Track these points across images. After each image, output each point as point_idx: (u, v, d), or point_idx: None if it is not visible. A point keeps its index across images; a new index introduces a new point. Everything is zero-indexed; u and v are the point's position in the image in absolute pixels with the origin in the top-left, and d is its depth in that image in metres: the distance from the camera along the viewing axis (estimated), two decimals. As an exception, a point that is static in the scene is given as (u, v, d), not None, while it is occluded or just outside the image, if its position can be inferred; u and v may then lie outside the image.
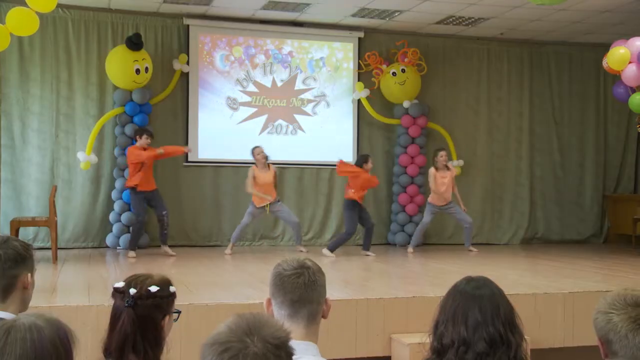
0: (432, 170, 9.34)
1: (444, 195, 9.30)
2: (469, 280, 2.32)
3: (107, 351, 2.38)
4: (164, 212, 8.50)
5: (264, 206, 8.83)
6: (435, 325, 2.28)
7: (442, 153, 9.37)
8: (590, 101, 11.43)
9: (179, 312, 2.53)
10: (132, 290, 2.39)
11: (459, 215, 9.43)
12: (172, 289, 2.50)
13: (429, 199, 9.45)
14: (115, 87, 9.30)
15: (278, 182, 9.32)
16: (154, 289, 2.42)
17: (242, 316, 1.50)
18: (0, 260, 2.57)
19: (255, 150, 8.95)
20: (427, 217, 9.44)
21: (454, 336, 2.20)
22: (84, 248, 9.20)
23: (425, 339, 2.33)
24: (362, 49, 10.44)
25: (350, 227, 8.89)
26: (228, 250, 8.90)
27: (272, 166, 8.99)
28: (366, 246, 8.98)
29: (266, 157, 8.91)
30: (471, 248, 9.51)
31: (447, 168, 9.38)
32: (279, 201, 9.02)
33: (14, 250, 2.60)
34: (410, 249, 9.38)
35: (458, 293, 2.28)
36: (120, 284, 2.45)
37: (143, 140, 8.45)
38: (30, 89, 9.16)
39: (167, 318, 2.46)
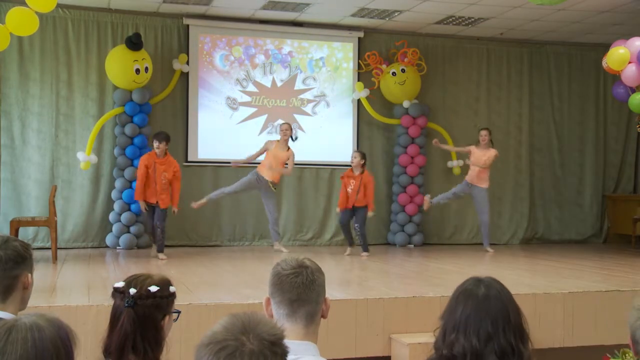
0: (473, 146, 9.53)
1: (474, 170, 9.33)
2: (477, 283, 2.26)
3: (106, 351, 2.38)
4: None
5: (270, 182, 8.69)
6: (443, 331, 2.24)
7: (482, 132, 9.46)
8: (590, 101, 11.42)
9: (178, 312, 2.54)
10: (132, 290, 2.40)
11: (479, 206, 9.44)
12: (172, 289, 2.50)
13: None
14: (115, 87, 9.30)
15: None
16: (153, 289, 2.42)
17: (237, 315, 1.51)
18: (1, 261, 2.56)
19: (283, 126, 8.85)
20: (456, 187, 9.54)
21: (466, 347, 2.16)
22: (83, 248, 9.20)
23: (431, 337, 2.30)
24: (362, 49, 10.43)
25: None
26: (199, 201, 8.71)
27: (291, 149, 8.83)
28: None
29: (290, 138, 8.81)
30: (488, 248, 9.50)
31: (490, 147, 9.41)
32: (275, 188, 8.89)
33: (14, 250, 2.60)
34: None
35: (468, 299, 2.22)
36: (120, 284, 2.45)
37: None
38: (29, 89, 9.15)
39: (167, 318, 2.47)
